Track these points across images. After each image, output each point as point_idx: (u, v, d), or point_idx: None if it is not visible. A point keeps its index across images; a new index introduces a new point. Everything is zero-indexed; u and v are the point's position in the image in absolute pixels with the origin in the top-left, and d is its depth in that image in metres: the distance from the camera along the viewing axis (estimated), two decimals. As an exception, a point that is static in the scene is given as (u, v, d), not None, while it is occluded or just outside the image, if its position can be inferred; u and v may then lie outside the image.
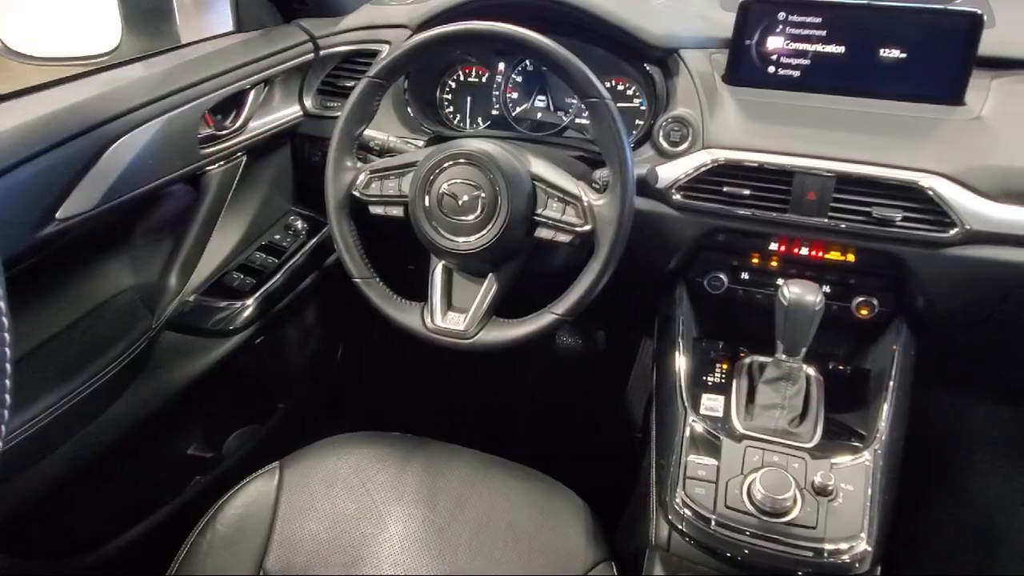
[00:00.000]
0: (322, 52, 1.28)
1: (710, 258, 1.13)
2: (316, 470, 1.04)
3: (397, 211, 1.03)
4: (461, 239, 0.97)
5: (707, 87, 1.10)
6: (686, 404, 0.99)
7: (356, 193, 1.03)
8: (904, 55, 1.04)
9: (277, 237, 1.32)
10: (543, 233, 0.97)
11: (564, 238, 0.96)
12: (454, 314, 1.01)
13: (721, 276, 1.12)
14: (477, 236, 0.96)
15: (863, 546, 0.84)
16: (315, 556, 0.95)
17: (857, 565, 0.84)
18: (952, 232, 0.96)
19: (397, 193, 1.02)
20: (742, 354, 1.08)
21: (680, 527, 0.90)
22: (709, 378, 1.05)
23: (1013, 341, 1.11)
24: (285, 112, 1.28)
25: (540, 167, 0.98)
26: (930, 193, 0.96)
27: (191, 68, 1.09)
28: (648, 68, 1.15)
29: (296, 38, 1.26)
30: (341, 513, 0.99)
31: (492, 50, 1.27)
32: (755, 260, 1.11)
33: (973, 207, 0.95)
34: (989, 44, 1.04)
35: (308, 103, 1.30)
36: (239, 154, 1.21)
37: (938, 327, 1.07)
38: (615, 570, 0.96)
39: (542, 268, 1.09)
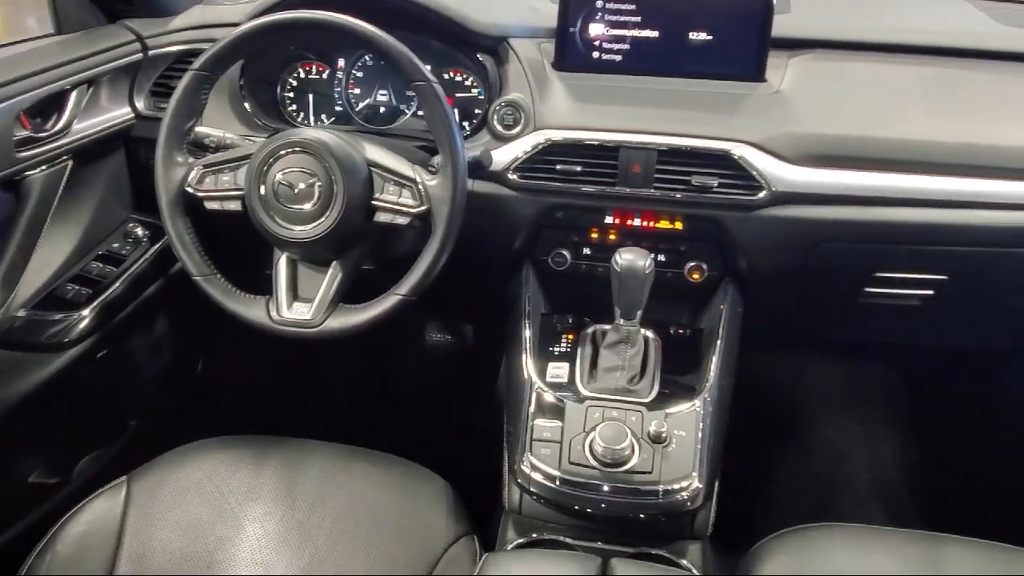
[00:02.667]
0: (151, 52, 1.24)
1: (553, 236, 1.18)
2: (166, 481, 1.00)
3: (234, 205, 1.01)
4: (299, 228, 0.97)
5: (537, 73, 1.15)
6: (532, 374, 1.03)
7: (189, 189, 1.01)
8: (710, 38, 1.13)
9: (116, 246, 1.26)
10: (382, 217, 0.99)
11: (403, 220, 0.98)
12: (300, 304, 1.01)
13: (564, 253, 1.18)
14: (315, 224, 0.96)
15: (695, 484, 0.91)
16: (168, 566, 0.92)
17: (690, 502, 0.90)
18: (761, 195, 1.05)
19: (232, 186, 1.01)
20: (587, 324, 1.14)
21: (529, 489, 0.93)
22: (555, 348, 1.10)
23: (827, 295, 1.23)
24: (114, 114, 1.23)
25: (376, 153, 0.99)
26: (740, 160, 1.05)
27: (1, 68, 1.04)
28: (480, 57, 1.19)
29: (121, 38, 1.21)
30: (194, 520, 0.96)
31: (324, 42, 1.27)
32: (594, 235, 1.17)
33: (777, 171, 1.05)
34: (785, 26, 1.15)
35: (140, 105, 1.26)
36: (64, 158, 1.15)
37: (761, 286, 1.17)
38: (477, 544, 0.98)
39: (391, 254, 1.10)
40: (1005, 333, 1.34)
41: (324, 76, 1.30)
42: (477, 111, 1.23)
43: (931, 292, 1.16)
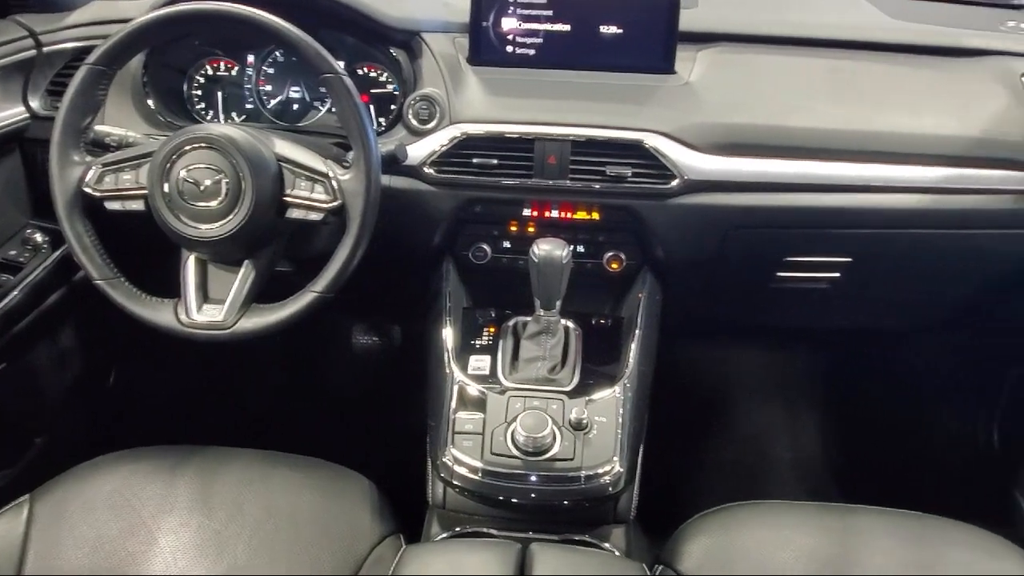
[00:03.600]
0: (46, 49, 1.18)
1: (472, 230, 1.18)
2: (72, 497, 0.95)
3: (137, 205, 0.97)
4: (206, 226, 0.93)
5: (451, 68, 1.15)
6: (453, 367, 1.03)
7: (87, 189, 0.96)
8: (620, 31, 1.15)
9: (12, 253, 1.19)
10: (294, 213, 0.96)
11: (316, 216, 0.96)
12: (211, 306, 0.98)
13: (484, 247, 1.18)
14: (223, 222, 0.93)
15: (617, 468, 0.92)
16: None
17: (612, 487, 0.91)
18: (673, 183, 1.08)
19: (134, 185, 0.97)
20: (508, 317, 1.14)
21: (452, 482, 0.93)
22: (477, 342, 1.10)
23: (742, 281, 1.27)
24: (6, 114, 1.16)
25: (285, 148, 0.97)
26: (652, 150, 1.07)
27: None
28: (394, 52, 1.18)
29: (11, 33, 1.15)
30: (103, 536, 0.92)
31: (231, 37, 1.24)
32: (513, 228, 1.17)
33: (688, 160, 1.08)
34: (693, 21, 1.18)
35: (35, 104, 1.20)
36: (-49, 162, 1.09)
37: (678, 273, 1.19)
38: (404, 542, 0.97)
39: (307, 252, 1.08)
40: (904, 313, 1.42)
41: (233, 72, 1.26)
42: (392, 106, 1.22)
43: (837, 275, 1.22)
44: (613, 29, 1.15)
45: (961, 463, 1.53)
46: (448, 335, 1.10)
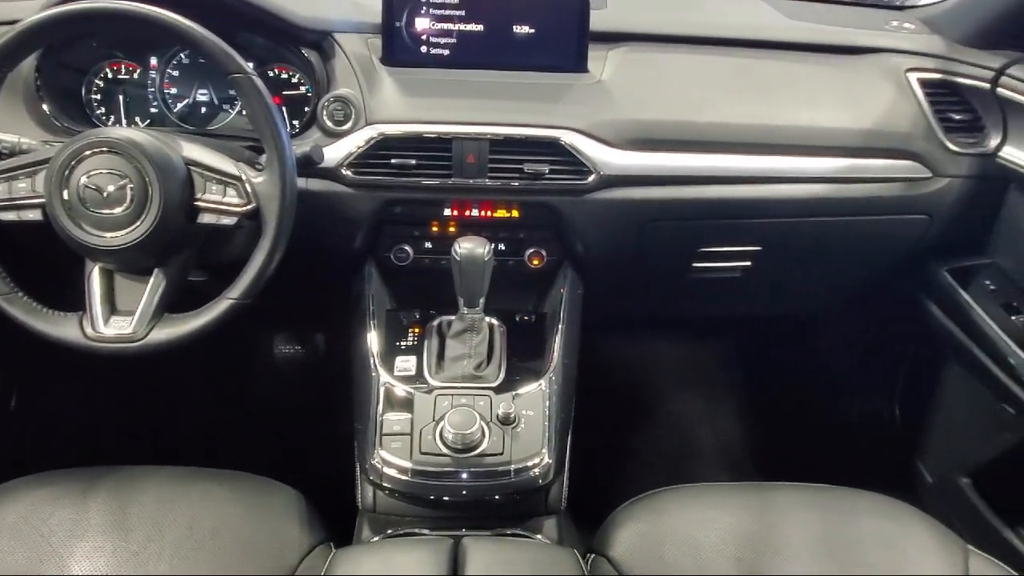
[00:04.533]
0: None
1: (393, 232, 1.17)
2: None
3: (34, 214, 0.92)
4: (111, 234, 0.89)
5: (365, 68, 1.14)
6: (379, 369, 1.02)
7: None
8: (533, 31, 1.17)
9: None
10: (206, 218, 0.93)
11: (229, 221, 0.93)
12: (119, 318, 0.93)
13: (406, 248, 1.17)
14: (130, 229, 0.89)
15: (546, 460, 0.93)
16: None
17: (541, 478, 0.92)
18: (590, 179, 1.10)
19: (30, 193, 0.91)
20: (433, 317, 1.13)
21: (382, 484, 0.92)
22: (402, 343, 1.09)
23: (659, 273, 1.30)
24: None
25: (194, 151, 0.94)
26: (568, 147, 1.09)
27: None
28: (306, 53, 1.16)
29: None
30: (9, 566, 0.86)
31: (131, 38, 1.19)
32: (435, 228, 1.17)
33: (603, 156, 1.10)
34: (603, 21, 1.21)
35: None
36: None
37: (598, 267, 1.22)
38: (334, 550, 0.95)
39: (221, 259, 1.04)
40: (811, 298, 1.49)
41: (135, 75, 1.21)
42: (305, 108, 1.19)
43: (749, 263, 1.27)
44: (526, 29, 1.17)
45: (868, 437, 1.63)
46: (372, 338, 1.09)
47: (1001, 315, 1.20)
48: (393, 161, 1.08)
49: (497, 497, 0.92)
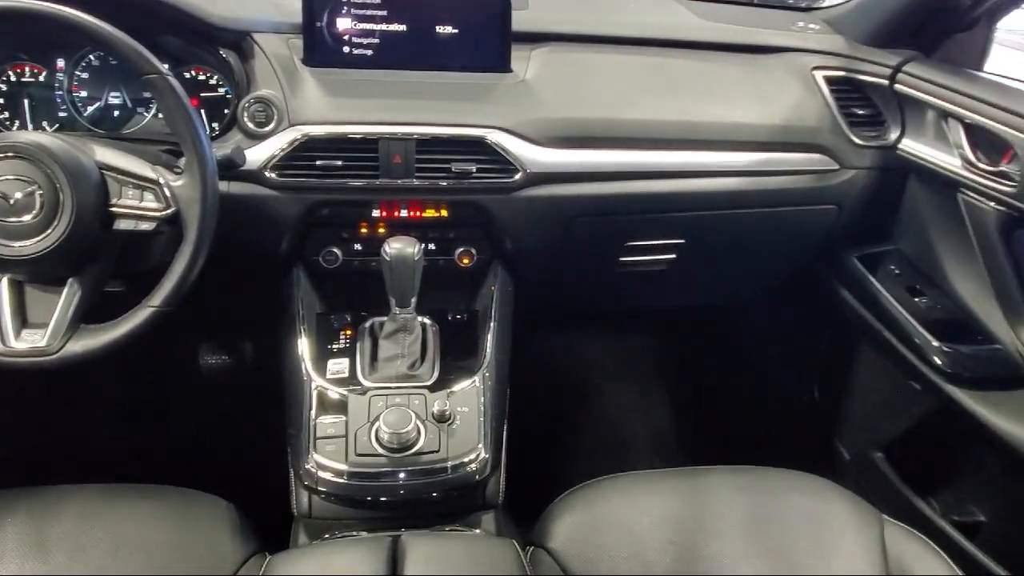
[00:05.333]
0: None
1: (321, 235, 1.16)
2: None
3: None
4: (19, 244, 0.85)
5: (286, 69, 1.12)
6: (311, 373, 1.01)
7: None
8: (457, 32, 1.17)
9: None
10: (123, 224, 0.90)
11: (147, 226, 0.90)
12: (31, 331, 0.89)
13: (335, 250, 1.16)
14: (40, 238, 0.85)
15: (482, 455, 0.94)
16: None
17: (478, 474, 0.93)
18: (517, 177, 1.11)
19: None
20: (365, 319, 1.13)
21: (318, 488, 0.91)
22: (334, 346, 1.08)
23: (588, 267, 1.33)
24: None
25: (108, 155, 0.91)
26: (494, 145, 1.10)
27: None
28: (224, 53, 1.13)
29: None
30: None
31: (35, 38, 1.13)
32: (363, 230, 1.16)
33: (529, 154, 1.12)
34: (525, 22, 1.23)
35: None
36: None
37: (528, 264, 1.23)
38: (269, 558, 0.93)
39: (141, 266, 1.01)
40: (733, 288, 1.55)
41: (41, 78, 1.15)
42: (225, 110, 1.16)
43: (674, 256, 1.31)
44: (449, 29, 1.17)
45: (792, 419, 1.70)
46: (303, 342, 1.07)
47: (905, 297, 1.27)
48: (318, 163, 1.07)
49: (435, 495, 0.92)
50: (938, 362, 1.18)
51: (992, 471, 1.23)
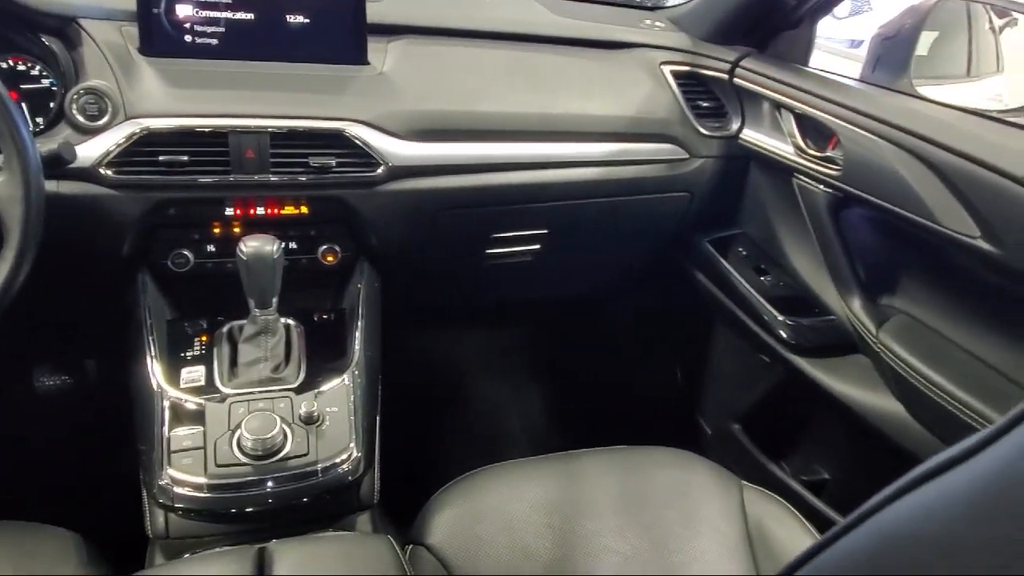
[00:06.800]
0: None
1: (169, 236, 1.08)
2: None
3: None
4: None
5: (121, 58, 1.04)
6: (162, 383, 0.93)
7: None
8: (309, 22, 1.13)
9: None
10: None
11: None
12: None
13: (185, 253, 1.08)
14: None
15: (354, 455, 0.91)
16: None
17: (351, 474, 0.90)
18: (379, 171, 1.09)
19: None
20: (222, 323, 1.06)
21: (174, 505, 0.84)
22: (188, 354, 1.01)
23: (455, 261, 1.33)
24: None
25: None
26: (354, 139, 1.07)
27: None
28: (47, 41, 1.03)
29: None
30: None
31: None
32: (217, 230, 1.10)
33: (390, 147, 1.10)
34: (380, 14, 1.21)
35: None
36: None
37: (394, 259, 1.21)
38: None
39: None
40: (598, 277, 1.60)
41: None
42: (51, 103, 1.06)
43: (538, 247, 1.33)
44: (300, 20, 1.12)
45: (659, 400, 1.78)
46: (152, 351, 0.99)
47: (753, 277, 1.36)
48: (162, 158, 0.99)
49: (305, 499, 0.88)
50: (783, 335, 1.27)
51: (833, 433, 1.34)
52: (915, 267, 1.14)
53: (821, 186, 1.17)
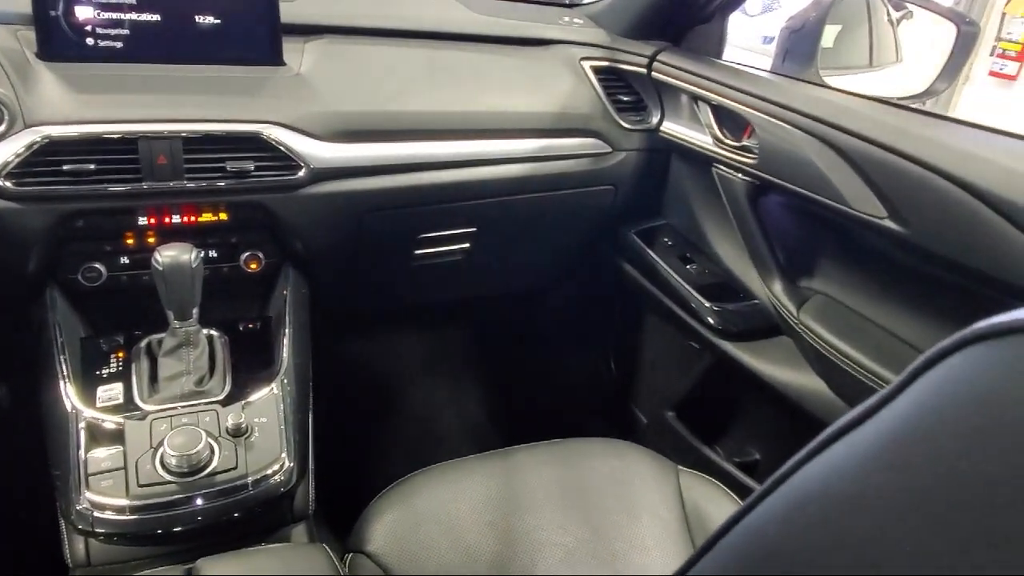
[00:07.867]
0: None
1: (79, 249, 1.03)
2: None
3: None
4: None
5: (17, 64, 0.98)
6: (76, 404, 0.89)
7: None
8: (219, 22, 1.09)
9: None
10: None
11: None
12: None
13: (97, 266, 1.03)
14: None
15: (287, 464, 0.88)
16: None
17: (283, 485, 0.87)
18: (300, 174, 1.06)
19: None
20: (140, 338, 1.02)
21: (95, 531, 0.80)
22: (104, 371, 0.96)
23: (384, 263, 1.31)
24: None
25: None
26: (272, 141, 1.04)
27: None
28: None
29: None
30: None
31: None
32: (131, 240, 1.05)
33: (311, 149, 1.07)
34: (295, 13, 1.18)
35: None
36: None
37: (321, 264, 1.19)
38: None
39: None
40: (528, 274, 1.61)
41: None
42: None
43: (467, 245, 1.33)
44: (211, 20, 1.09)
45: (596, 391, 1.80)
46: (64, 370, 0.94)
47: (679, 266, 1.39)
48: (66, 168, 0.94)
49: (237, 514, 0.85)
50: (711, 321, 1.30)
51: (762, 414, 1.39)
52: (830, 249, 1.19)
53: (739, 175, 1.21)
